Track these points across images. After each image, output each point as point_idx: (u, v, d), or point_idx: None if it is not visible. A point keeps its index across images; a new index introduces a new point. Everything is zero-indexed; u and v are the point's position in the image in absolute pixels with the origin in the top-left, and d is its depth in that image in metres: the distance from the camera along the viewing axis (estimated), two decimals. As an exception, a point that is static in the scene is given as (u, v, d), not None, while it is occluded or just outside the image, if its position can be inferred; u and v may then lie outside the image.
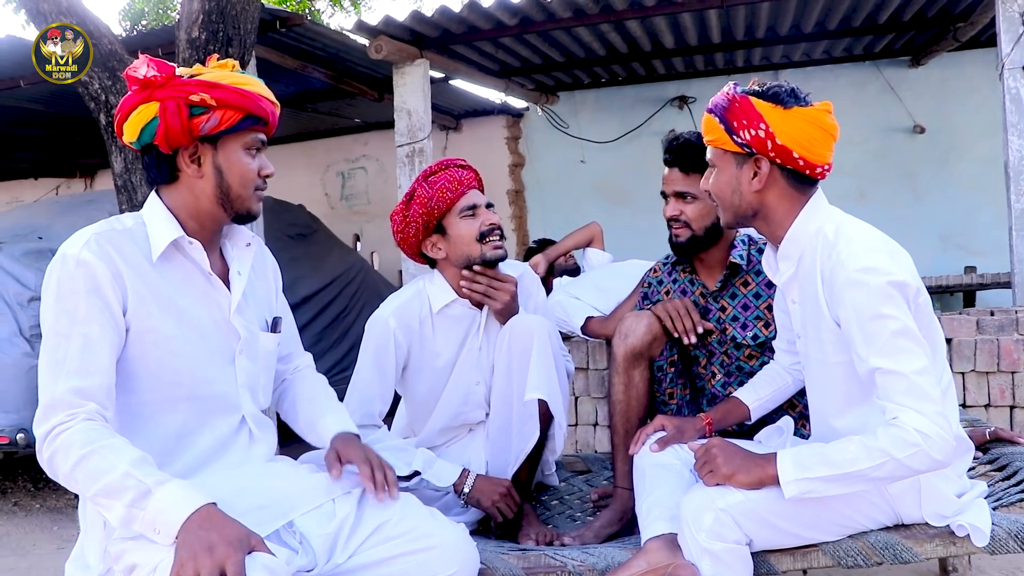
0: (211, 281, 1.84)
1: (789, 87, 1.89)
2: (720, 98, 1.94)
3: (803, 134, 1.85)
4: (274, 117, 1.85)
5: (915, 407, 1.71)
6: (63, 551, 3.73)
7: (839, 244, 1.83)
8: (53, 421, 1.59)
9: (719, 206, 2.03)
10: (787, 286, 2.01)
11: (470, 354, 2.53)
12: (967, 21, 5.55)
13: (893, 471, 1.74)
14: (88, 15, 3.71)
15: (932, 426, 1.69)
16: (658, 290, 2.67)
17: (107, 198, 4.86)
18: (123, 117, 1.78)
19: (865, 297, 1.75)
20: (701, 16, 5.53)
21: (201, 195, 1.80)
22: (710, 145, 2.00)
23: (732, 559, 1.82)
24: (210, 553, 1.43)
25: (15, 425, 4.06)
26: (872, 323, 1.74)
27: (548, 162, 7.86)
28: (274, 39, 5.05)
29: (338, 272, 5.95)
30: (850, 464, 1.74)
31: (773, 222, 1.95)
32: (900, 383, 1.72)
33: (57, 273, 1.67)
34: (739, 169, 1.93)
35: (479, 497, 2.38)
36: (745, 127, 1.87)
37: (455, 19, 5.08)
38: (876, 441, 1.72)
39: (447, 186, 2.40)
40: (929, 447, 1.69)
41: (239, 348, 1.86)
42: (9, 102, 5.95)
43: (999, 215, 4.84)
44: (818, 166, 1.88)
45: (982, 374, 3.92)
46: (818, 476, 1.77)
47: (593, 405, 4.25)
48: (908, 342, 1.73)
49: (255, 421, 1.89)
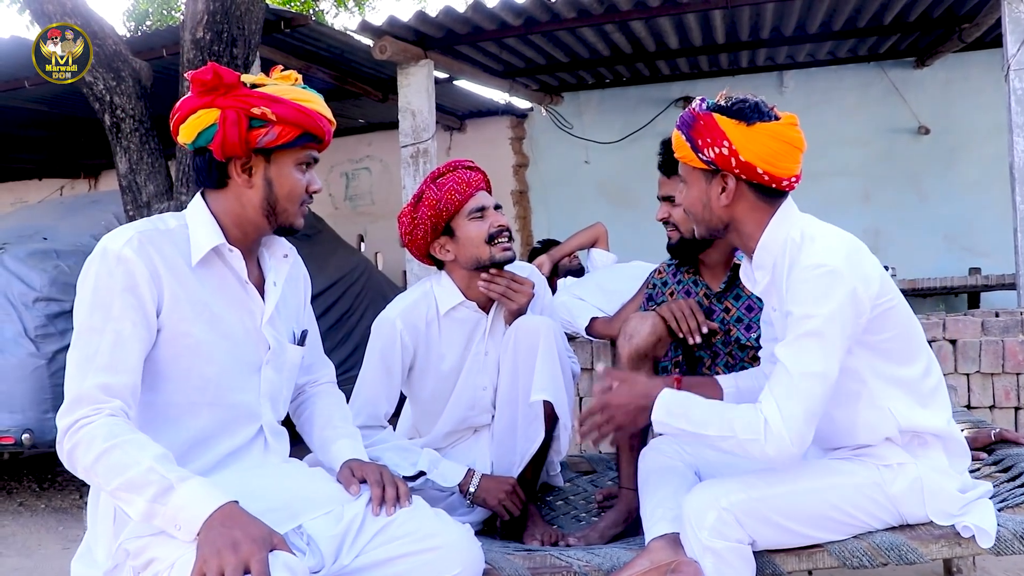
0: (247, 290, 1.85)
1: (753, 102, 1.88)
2: (686, 115, 1.95)
3: (767, 150, 1.85)
4: (329, 135, 1.86)
5: (779, 402, 1.76)
6: (68, 551, 3.73)
7: (803, 244, 1.84)
8: (77, 414, 1.59)
9: (692, 220, 2.04)
10: (765, 294, 2.02)
11: (476, 359, 2.53)
12: (972, 22, 5.53)
13: (733, 448, 1.82)
14: (92, 15, 3.72)
15: (781, 425, 1.74)
16: (662, 291, 2.67)
17: (111, 199, 4.87)
18: (181, 118, 1.78)
19: (804, 291, 1.78)
20: (705, 16, 5.53)
21: (248, 204, 1.81)
22: (680, 161, 2.01)
23: (734, 558, 1.83)
24: (234, 550, 1.43)
25: (20, 425, 4.06)
26: (797, 317, 1.78)
27: (552, 163, 7.86)
28: (278, 40, 5.06)
29: (342, 273, 5.95)
30: (701, 426, 1.84)
31: (744, 234, 1.96)
32: (783, 376, 1.79)
33: (96, 267, 1.67)
34: (708, 185, 1.94)
35: (485, 496, 2.38)
36: (709, 145, 1.88)
37: (459, 19, 5.08)
38: (734, 416, 1.80)
39: (455, 188, 2.39)
40: (767, 439, 1.75)
41: (267, 359, 1.87)
42: (13, 103, 5.96)
43: (1004, 216, 4.83)
44: (784, 179, 1.88)
45: (987, 375, 3.91)
46: (674, 426, 1.88)
47: (597, 406, 4.24)
48: (815, 344, 1.76)
49: (271, 431, 1.91)
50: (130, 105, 3.75)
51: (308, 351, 2.06)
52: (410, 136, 5.33)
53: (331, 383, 2.19)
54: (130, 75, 3.75)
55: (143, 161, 3.79)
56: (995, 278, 6.17)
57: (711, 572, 1.82)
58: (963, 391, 3.91)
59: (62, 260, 4.43)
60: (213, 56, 3.66)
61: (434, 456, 2.43)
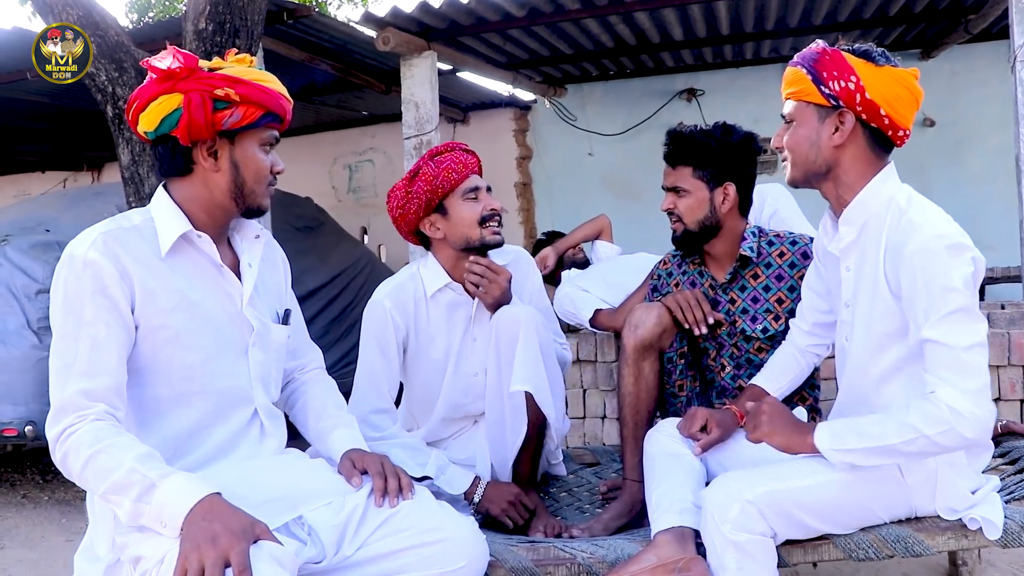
0: (223, 273, 1.84)
1: (880, 49, 1.88)
2: (808, 51, 1.92)
3: (892, 92, 1.84)
4: (289, 115, 1.87)
5: (954, 382, 1.70)
6: (72, 543, 3.74)
7: (911, 211, 1.82)
8: (64, 423, 1.60)
9: (790, 162, 1.99)
10: (845, 252, 1.98)
11: (466, 344, 2.52)
12: (978, 13, 5.50)
13: (924, 447, 1.72)
14: (95, 7, 3.71)
15: (966, 403, 1.68)
16: (667, 282, 2.66)
17: (114, 191, 4.86)
18: (141, 106, 1.77)
19: (937, 266, 1.73)
20: (710, 8, 5.50)
21: (215, 189, 1.81)
22: (791, 99, 1.97)
23: (757, 550, 1.80)
24: (213, 544, 1.42)
25: (23, 417, 4.07)
26: (937, 293, 1.72)
27: (556, 155, 7.84)
28: (281, 31, 5.04)
29: (345, 265, 5.95)
30: (880, 438, 1.74)
31: (844, 184, 1.93)
32: (947, 356, 1.71)
33: (64, 274, 1.68)
34: (820, 123, 1.91)
35: (488, 505, 2.38)
36: (836, 78, 1.86)
37: (463, 11, 5.06)
38: (908, 416, 1.72)
39: (453, 167, 2.40)
40: (959, 424, 1.68)
41: (252, 340, 1.87)
42: (16, 95, 5.94)
43: (1010, 209, 4.81)
44: (900, 128, 1.88)
45: (992, 368, 3.88)
46: (852, 448, 1.76)
47: (601, 398, 4.24)
48: (967, 317, 1.72)
49: (267, 414, 1.90)
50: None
51: (293, 334, 2.05)
52: (413, 128, 5.31)
53: (320, 369, 2.19)
54: (132, 67, 3.73)
55: (146, 152, 3.78)
56: (1000, 271, 6.14)
57: (734, 566, 1.80)
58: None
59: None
60: (215, 47, 3.65)
61: (443, 462, 2.42)
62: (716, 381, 2.55)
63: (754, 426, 1.95)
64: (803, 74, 1.91)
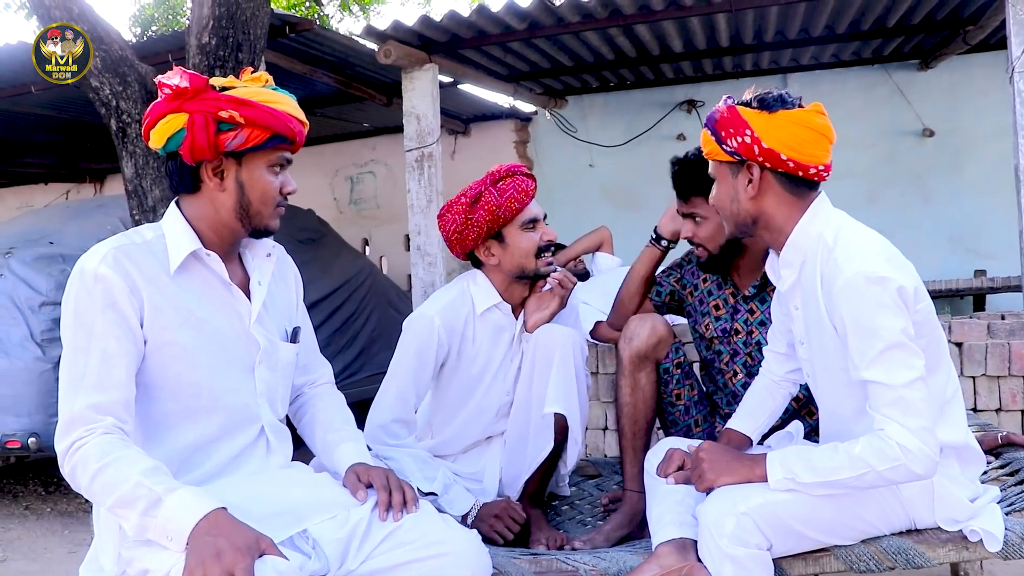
0: (231, 291, 1.85)
1: (777, 93, 1.90)
2: (712, 112, 1.98)
3: (790, 135, 1.86)
4: (301, 136, 1.85)
5: (900, 420, 1.72)
6: (75, 555, 3.74)
7: (837, 249, 1.83)
8: (72, 437, 1.61)
9: (722, 218, 2.05)
10: (789, 293, 2.01)
11: (504, 365, 2.54)
12: (977, 24, 5.52)
13: (874, 482, 1.77)
14: (98, 21, 3.73)
15: (915, 440, 1.71)
16: (668, 280, 2.69)
17: (117, 203, 4.88)
18: (151, 123, 1.78)
19: (860, 304, 1.75)
20: (710, 20, 5.52)
21: (221, 208, 1.81)
22: (708, 159, 2.02)
23: (754, 564, 1.81)
24: (218, 559, 1.43)
25: (27, 429, 4.08)
26: (865, 334, 1.75)
27: (556, 166, 7.86)
28: (283, 44, 5.07)
29: (347, 277, 5.95)
30: (832, 472, 1.78)
31: (774, 228, 1.96)
32: (888, 395, 1.74)
33: (75, 288, 1.69)
34: (735, 178, 1.95)
35: (479, 524, 2.37)
36: (732, 135, 1.90)
37: (464, 23, 5.08)
38: (860, 450, 1.75)
39: (515, 196, 2.40)
40: (910, 461, 1.72)
41: (259, 358, 1.87)
42: (20, 107, 5.98)
43: (1009, 218, 4.82)
44: (811, 167, 1.88)
45: (993, 378, 3.90)
46: (803, 482, 1.80)
47: (603, 409, 4.24)
48: (901, 354, 1.74)
49: (273, 431, 1.91)
50: (136, 110, 3.76)
51: (303, 350, 2.06)
52: (415, 140, 5.33)
53: (329, 384, 2.19)
54: (136, 80, 3.76)
55: (149, 166, 3.80)
56: (1000, 280, 6.16)
57: None
58: (969, 394, 3.90)
59: (68, 264, 4.43)
60: (219, 61, 3.67)
61: (449, 481, 2.43)
62: (727, 386, 2.55)
63: (698, 477, 1.96)
64: (708, 135, 1.96)
